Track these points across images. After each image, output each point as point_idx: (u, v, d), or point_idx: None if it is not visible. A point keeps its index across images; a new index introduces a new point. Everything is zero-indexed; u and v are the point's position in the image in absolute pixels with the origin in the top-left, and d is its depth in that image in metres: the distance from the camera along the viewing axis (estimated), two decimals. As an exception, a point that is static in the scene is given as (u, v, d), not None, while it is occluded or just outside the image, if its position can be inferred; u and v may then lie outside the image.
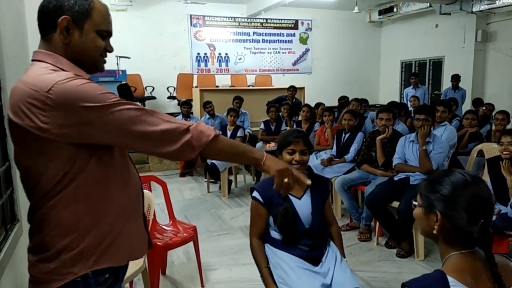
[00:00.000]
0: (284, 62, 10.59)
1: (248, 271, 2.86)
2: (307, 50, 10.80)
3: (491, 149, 3.76)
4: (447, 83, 8.26)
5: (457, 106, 6.01)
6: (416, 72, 9.40)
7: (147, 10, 8.92)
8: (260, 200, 1.95)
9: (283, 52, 10.54)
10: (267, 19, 10.16)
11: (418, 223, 1.18)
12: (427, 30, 9.74)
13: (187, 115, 6.16)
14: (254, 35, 10.17)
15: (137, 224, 1.28)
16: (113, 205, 1.16)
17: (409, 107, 6.15)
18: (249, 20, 10.01)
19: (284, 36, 10.51)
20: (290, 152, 1.92)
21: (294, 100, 7.10)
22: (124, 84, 1.33)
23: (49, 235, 1.10)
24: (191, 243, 2.81)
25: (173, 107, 9.08)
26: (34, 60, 1.13)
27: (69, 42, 1.12)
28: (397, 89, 10.96)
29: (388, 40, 11.35)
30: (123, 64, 6.84)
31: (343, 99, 6.78)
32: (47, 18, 1.11)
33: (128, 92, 1.34)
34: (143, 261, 2.29)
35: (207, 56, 9.81)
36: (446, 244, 1.10)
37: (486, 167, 3.17)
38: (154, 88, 8.92)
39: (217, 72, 9.88)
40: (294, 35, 10.61)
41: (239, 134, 5.27)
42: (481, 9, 7.68)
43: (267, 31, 10.31)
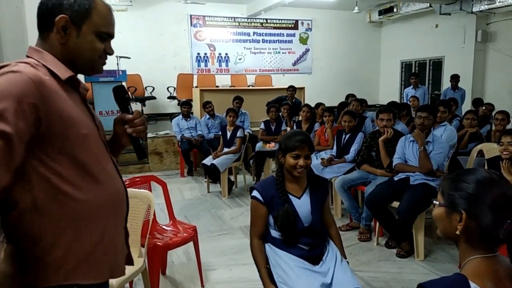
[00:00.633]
0: (284, 62, 10.60)
1: (248, 271, 2.86)
2: (307, 50, 10.80)
3: (491, 149, 3.76)
4: (447, 83, 8.26)
5: (457, 106, 6.00)
6: (416, 72, 9.39)
7: (147, 10, 8.92)
8: (260, 199, 1.94)
9: (283, 52, 10.54)
10: (267, 19, 10.17)
11: (438, 224, 1.11)
12: (427, 30, 9.75)
13: (187, 115, 6.16)
14: (254, 35, 10.17)
15: (117, 239, 1.19)
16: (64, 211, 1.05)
17: (409, 107, 6.14)
18: (249, 20, 10.02)
19: (284, 36, 10.51)
20: (295, 157, 1.90)
21: (294, 100, 7.09)
22: (119, 86, 1.32)
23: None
24: (191, 243, 2.81)
25: (173, 107, 9.09)
26: (27, 56, 1.10)
27: (65, 42, 1.08)
28: (397, 89, 10.97)
29: (388, 40, 11.35)
30: (123, 64, 6.86)
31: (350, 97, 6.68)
32: (45, 16, 1.08)
33: (123, 94, 1.34)
34: (143, 261, 2.29)
35: (207, 56, 9.81)
36: (468, 246, 1.04)
37: (486, 167, 3.16)
38: (154, 88, 8.93)
39: (217, 72, 9.89)
40: (294, 35, 10.61)
41: (239, 134, 5.20)
42: (481, 9, 7.68)
43: (267, 31, 10.31)
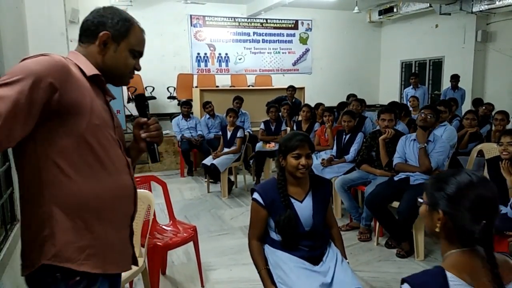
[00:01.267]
0: (284, 62, 10.59)
1: (248, 271, 2.86)
2: (307, 50, 10.80)
3: (491, 149, 3.76)
4: (447, 83, 8.25)
5: (457, 106, 6.00)
6: (416, 72, 9.38)
7: (147, 10, 8.92)
8: (261, 202, 1.93)
9: (283, 52, 10.54)
10: (267, 19, 10.16)
11: (423, 220, 1.21)
12: (427, 30, 9.74)
13: (187, 115, 6.16)
14: (254, 35, 10.17)
15: (117, 235, 1.25)
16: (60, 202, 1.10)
17: (409, 107, 6.13)
18: (249, 20, 10.01)
19: (284, 36, 10.51)
20: (296, 157, 1.89)
21: (294, 100, 7.09)
22: (141, 94, 1.37)
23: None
24: (191, 243, 2.81)
25: (173, 107, 9.09)
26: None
27: (104, 54, 1.23)
28: (397, 89, 10.97)
29: (388, 40, 11.34)
30: (123, 64, 6.85)
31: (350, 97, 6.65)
32: (90, 30, 1.22)
33: (144, 101, 1.38)
34: (143, 261, 2.29)
35: (207, 56, 9.81)
36: (447, 241, 1.12)
37: (486, 167, 3.16)
38: (154, 88, 8.92)
39: (217, 72, 9.88)
40: (294, 35, 10.61)
41: (239, 134, 5.20)
42: (481, 9, 7.68)
43: (267, 31, 10.31)
